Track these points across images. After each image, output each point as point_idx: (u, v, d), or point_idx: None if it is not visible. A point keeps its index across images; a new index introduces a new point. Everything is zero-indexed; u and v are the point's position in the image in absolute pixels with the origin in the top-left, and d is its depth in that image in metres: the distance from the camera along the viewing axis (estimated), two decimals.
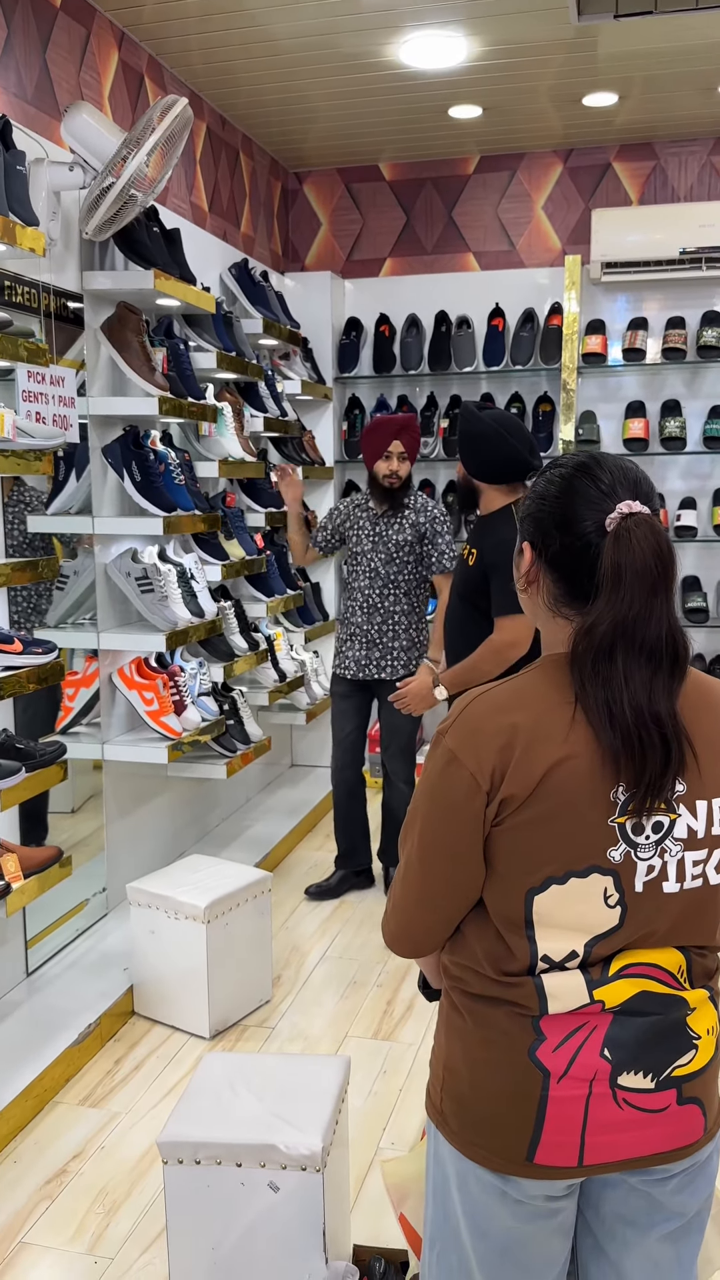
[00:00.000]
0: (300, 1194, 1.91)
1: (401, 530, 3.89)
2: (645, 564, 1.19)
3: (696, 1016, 1.29)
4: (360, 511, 3.97)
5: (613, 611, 1.20)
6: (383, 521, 3.91)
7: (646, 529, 1.21)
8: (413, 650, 3.98)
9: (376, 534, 3.91)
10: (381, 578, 3.90)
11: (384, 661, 3.95)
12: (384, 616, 3.92)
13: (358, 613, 3.95)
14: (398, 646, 3.94)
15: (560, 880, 1.23)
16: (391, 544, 3.89)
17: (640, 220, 4.84)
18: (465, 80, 4.23)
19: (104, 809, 3.66)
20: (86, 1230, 2.31)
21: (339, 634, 4.06)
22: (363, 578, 3.93)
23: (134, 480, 3.48)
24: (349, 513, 4.01)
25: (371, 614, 3.92)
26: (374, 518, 3.93)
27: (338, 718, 4.10)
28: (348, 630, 3.99)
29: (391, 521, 3.90)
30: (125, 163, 3.06)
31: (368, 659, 3.95)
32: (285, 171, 5.37)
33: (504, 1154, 1.28)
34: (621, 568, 1.19)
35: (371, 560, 3.91)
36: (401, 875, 1.34)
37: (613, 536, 1.21)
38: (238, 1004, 3.18)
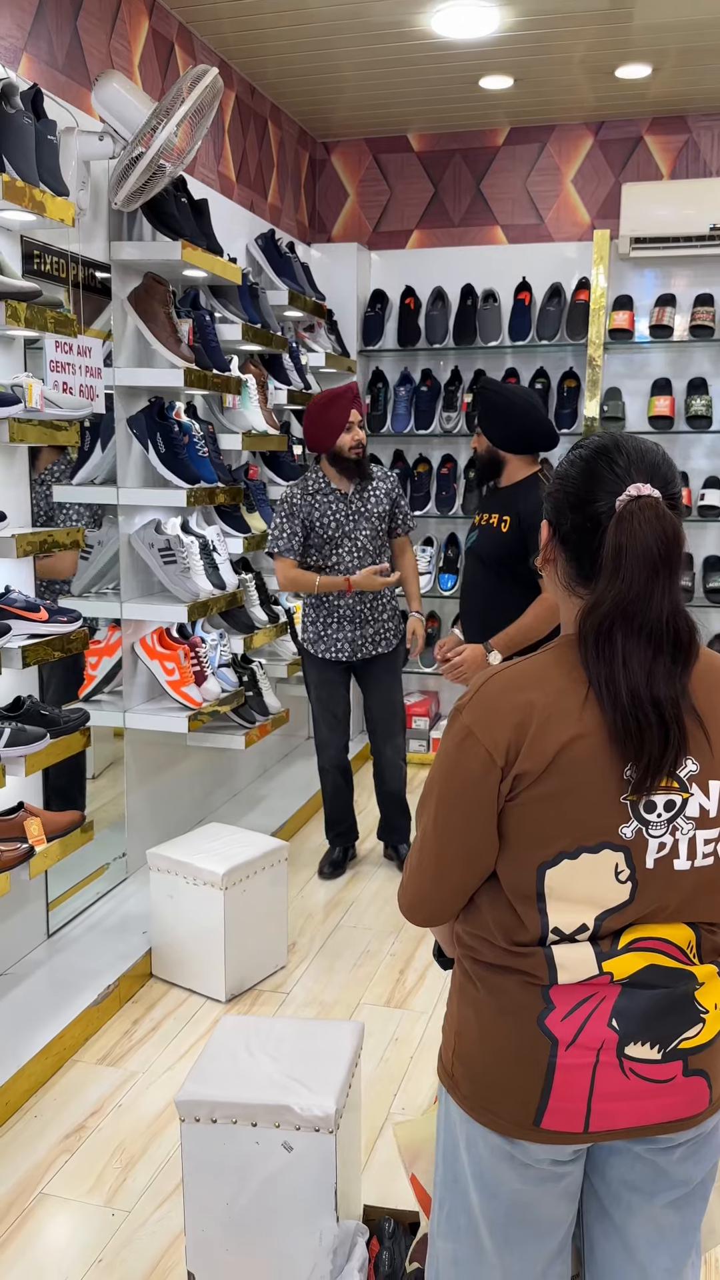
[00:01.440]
0: (313, 1154, 1.96)
1: (379, 501, 3.82)
2: (646, 546, 1.21)
3: (705, 991, 1.32)
4: (322, 497, 3.76)
5: (613, 593, 1.22)
6: (357, 498, 3.78)
7: (652, 512, 1.22)
8: (397, 619, 3.95)
9: (354, 512, 3.77)
10: (369, 553, 3.79)
11: (377, 638, 3.87)
12: (374, 593, 3.82)
13: (345, 594, 3.78)
14: (386, 618, 3.89)
15: (572, 855, 1.25)
16: (373, 516, 3.79)
17: (671, 195, 4.79)
18: (497, 50, 4.18)
19: (125, 776, 3.72)
20: (104, 1184, 2.38)
21: (316, 618, 3.87)
22: (348, 558, 3.76)
23: (158, 452, 3.50)
24: (308, 502, 3.76)
25: (362, 592, 3.79)
26: (343, 497, 3.76)
27: (326, 705, 3.97)
28: (332, 614, 3.82)
29: (365, 495, 3.80)
30: (155, 133, 3.06)
31: (361, 638, 3.84)
32: (313, 141, 5.33)
33: (512, 1118, 1.31)
34: (624, 549, 1.22)
35: (355, 538, 3.76)
36: (418, 847, 1.37)
37: (617, 518, 1.23)
38: (253, 969, 3.24)
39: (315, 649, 3.89)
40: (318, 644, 3.88)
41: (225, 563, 3.80)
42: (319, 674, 3.94)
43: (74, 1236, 2.23)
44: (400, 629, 3.96)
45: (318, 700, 3.99)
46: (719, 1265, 2.16)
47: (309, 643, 3.90)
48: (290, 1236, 2.00)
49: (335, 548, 3.77)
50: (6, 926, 3.06)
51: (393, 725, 3.99)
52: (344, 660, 3.87)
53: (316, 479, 3.80)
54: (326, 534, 3.76)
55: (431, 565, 5.26)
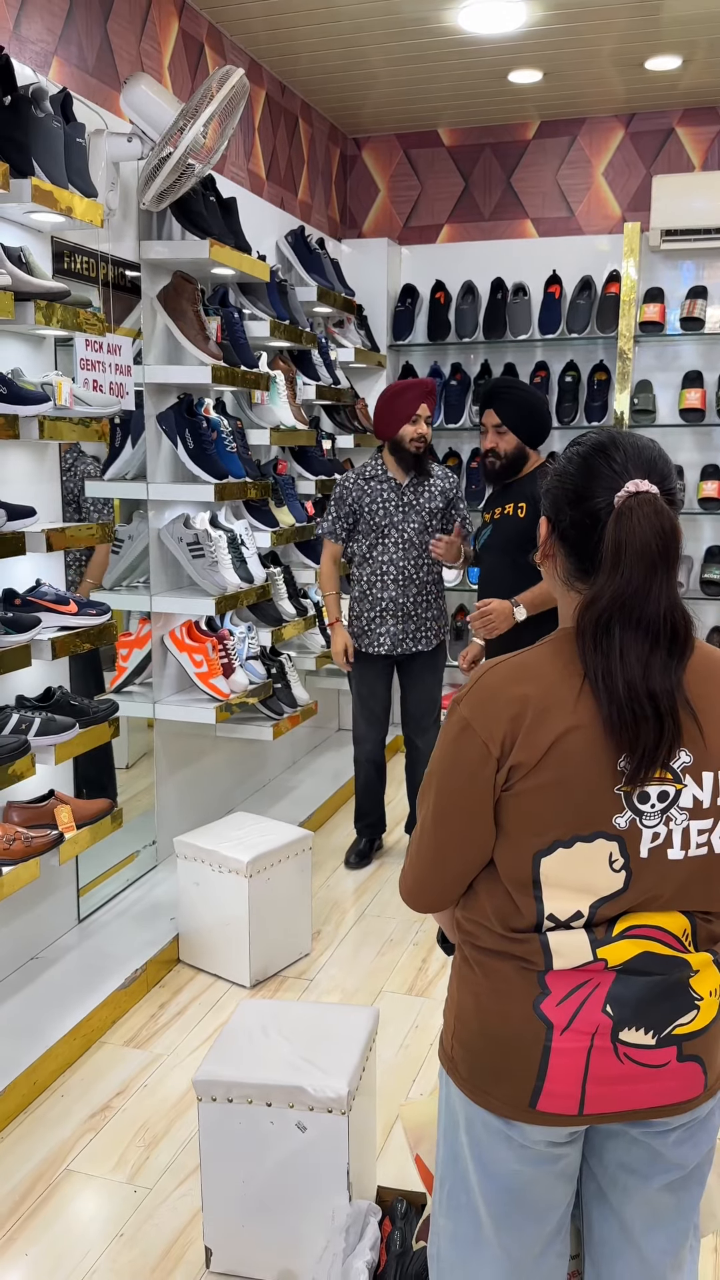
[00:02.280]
0: (326, 1135, 2.01)
1: (432, 498, 3.83)
2: (645, 542, 1.24)
3: (700, 979, 1.34)
4: (377, 483, 3.82)
5: (612, 588, 1.25)
6: (410, 490, 3.81)
7: (650, 509, 1.25)
8: (441, 619, 3.95)
9: (406, 503, 3.80)
10: (416, 547, 3.81)
11: (419, 634, 3.89)
12: (419, 587, 3.85)
13: (390, 586, 3.83)
14: (429, 617, 3.90)
15: (566, 844, 1.28)
16: (425, 511, 3.81)
17: (702, 186, 4.76)
18: (525, 45, 4.19)
19: (155, 766, 3.79)
20: (127, 1162, 2.45)
21: (360, 611, 3.91)
22: (393, 549, 3.81)
23: (187, 448, 3.56)
24: (361, 487, 3.83)
25: (406, 586, 3.83)
26: (397, 487, 3.80)
27: (366, 700, 4.00)
28: (375, 606, 3.86)
29: (420, 489, 3.82)
30: (182, 133, 3.11)
31: (403, 633, 3.86)
32: (344, 138, 5.36)
33: (508, 1100, 1.35)
34: (622, 545, 1.24)
35: (403, 530, 3.80)
36: (418, 835, 1.41)
37: (616, 514, 1.26)
38: (278, 956, 3.30)
39: (359, 643, 3.92)
40: (361, 638, 3.91)
41: (253, 557, 3.85)
42: (360, 667, 3.96)
43: (97, 1212, 2.30)
44: (444, 628, 3.98)
45: (358, 694, 4.02)
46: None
47: (354, 636, 3.93)
48: (304, 1214, 2.05)
49: (381, 537, 3.80)
50: (38, 911, 3.14)
51: (426, 721, 4.01)
52: (384, 654, 3.89)
53: (375, 466, 3.84)
54: (374, 521, 3.80)
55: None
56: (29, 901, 3.08)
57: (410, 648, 3.88)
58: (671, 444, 5.11)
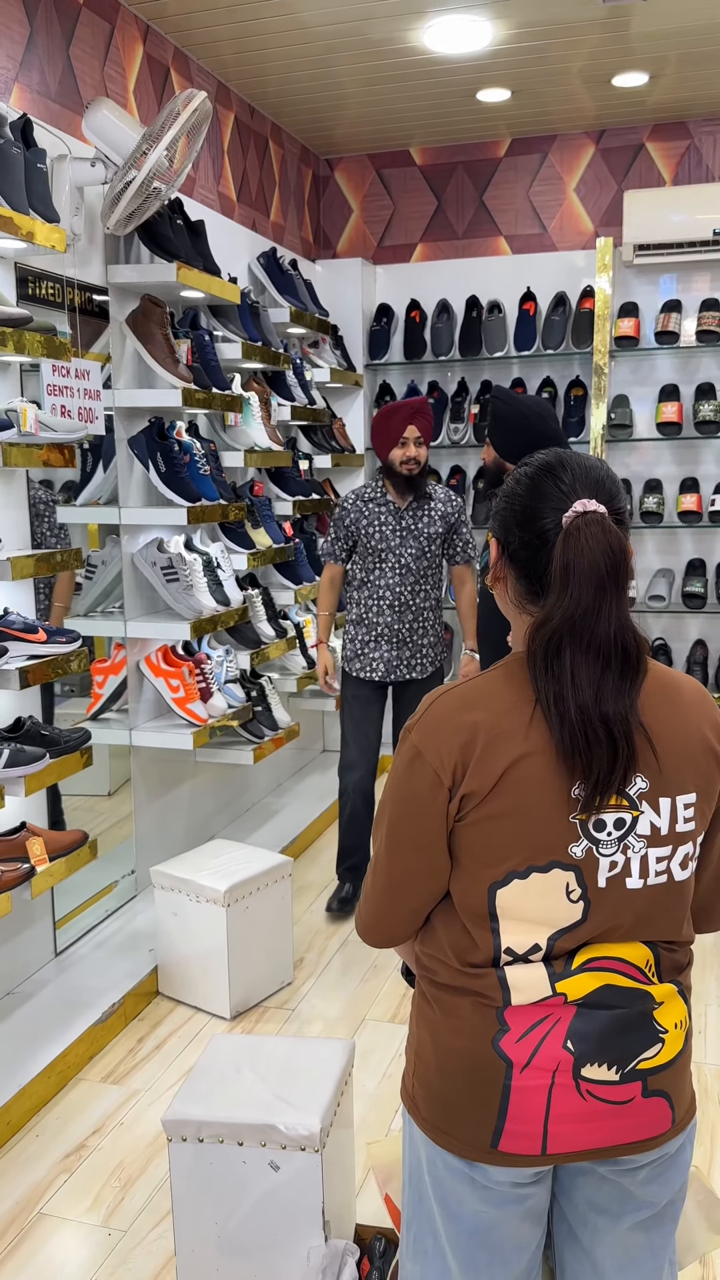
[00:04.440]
0: (300, 1173, 1.95)
1: (432, 522, 3.70)
2: (594, 563, 1.21)
3: (664, 1010, 1.30)
4: (375, 506, 3.71)
5: (562, 609, 1.22)
6: (409, 514, 3.69)
7: (598, 528, 1.22)
8: (438, 646, 3.84)
9: (404, 528, 3.68)
10: (413, 573, 3.69)
11: (414, 661, 3.76)
12: (415, 614, 3.73)
13: (385, 611, 3.71)
14: (426, 644, 3.78)
15: (522, 875, 1.25)
16: (423, 537, 3.69)
17: (673, 201, 4.77)
18: (493, 64, 4.19)
19: (134, 793, 3.74)
20: (102, 1203, 2.39)
21: (355, 635, 3.79)
22: (390, 574, 3.69)
23: (159, 471, 3.53)
24: (360, 509, 3.72)
25: (402, 612, 3.71)
26: (396, 511, 3.69)
27: (359, 724, 3.84)
28: (370, 631, 3.74)
29: (419, 513, 3.70)
30: (145, 156, 3.09)
31: (398, 659, 3.74)
32: (316, 158, 5.37)
33: (469, 1141, 1.31)
34: (571, 566, 1.22)
35: (400, 555, 3.68)
36: (372, 868, 1.37)
37: (564, 534, 1.23)
38: (259, 986, 3.24)
39: (351, 666, 3.80)
40: (354, 661, 3.79)
41: (230, 579, 3.82)
42: (353, 692, 3.83)
43: (70, 1256, 2.24)
44: (441, 655, 3.86)
45: (349, 718, 3.87)
46: None
47: (346, 660, 3.82)
48: (279, 1256, 1.99)
49: (379, 561, 3.70)
50: (12, 946, 3.08)
51: None
52: (378, 680, 3.77)
53: (375, 487, 3.75)
54: (371, 545, 3.70)
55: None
56: (3, 935, 3.03)
57: (405, 674, 3.76)
58: (650, 458, 5.10)
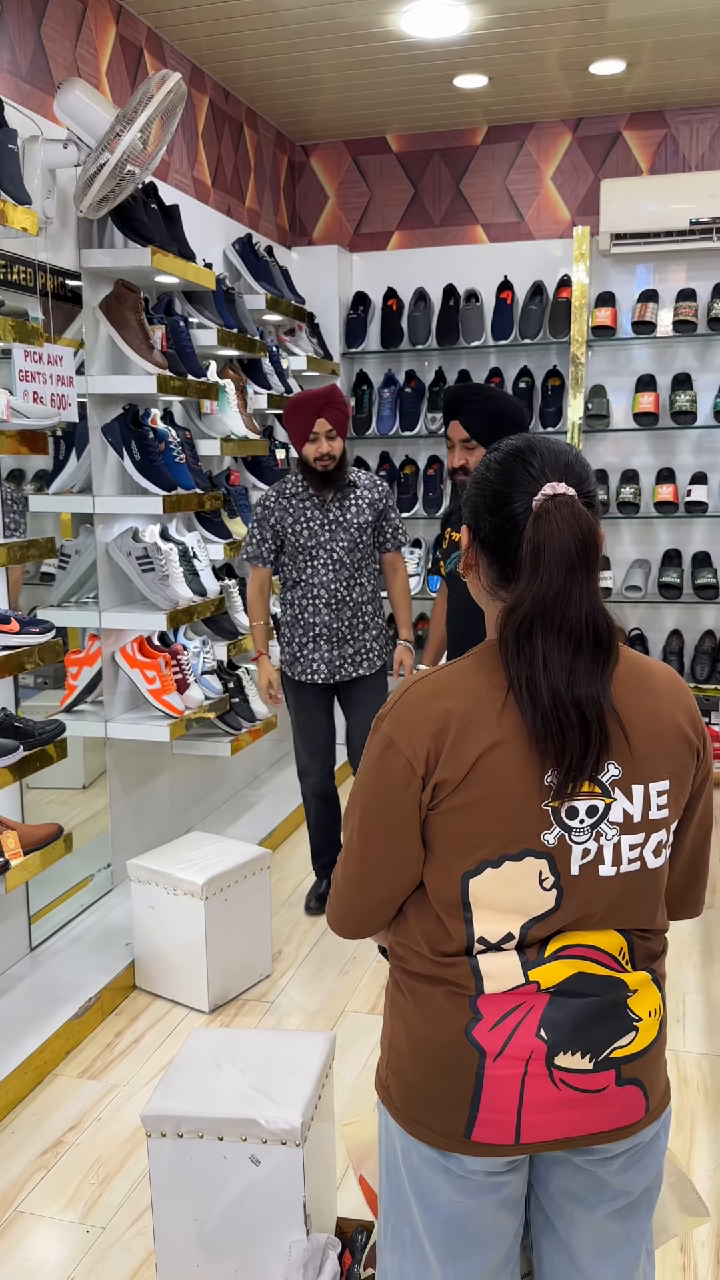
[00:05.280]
0: (281, 1167, 1.93)
1: (360, 512, 3.51)
2: (564, 545, 1.20)
3: (638, 999, 1.30)
4: (298, 501, 3.50)
5: (532, 592, 1.21)
6: (335, 506, 3.49)
7: (568, 510, 1.21)
8: (381, 639, 3.67)
9: (332, 520, 3.48)
10: (347, 567, 3.50)
11: (357, 658, 3.58)
12: (353, 610, 3.54)
13: (321, 610, 3.51)
14: (368, 638, 3.61)
15: (495, 863, 1.24)
16: (353, 528, 3.49)
17: (650, 190, 4.76)
18: (469, 49, 4.16)
19: (109, 786, 3.70)
20: (80, 1200, 2.36)
21: (292, 637, 3.59)
22: (323, 571, 3.50)
23: (133, 459, 3.49)
24: (281, 507, 3.52)
25: (339, 609, 3.52)
26: (320, 504, 3.48)
27: (307, 728, 3.68)
28: (307, 632, 3.55)
29: (346, 504, 3.50)
30: (119, 138, 3.04)
31: (339, 659, 3.55)
32: (292, 144, 5.32)
33: (443, 1130, 1.30)
34: (541, 548, 1.21)
35: (331, 550, 3.48)
36: (344, 858, 1.36)
37: (534, 517, 1.22)
38: (237, 979, 3.21)
39: (292, 670, 3.62)
40: (294, 665, 3.61)
41: (206, 569, 3.78)
42: (296, 697, 3.66)
43: (48, 1254, 2.20)
44: (385, 649, 3.71)
45: (297, 724, 3.71)
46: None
47: (286, 664, 3.63)
48: (260, 1251, 1.97)
49: (310, 559, 3.51)
50: None
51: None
52: (320, 682, 3.60)
53: (295, 482, 3.53)
54: (300, 542, 3.50)
55: (420, 567, 5.23)
56: None
57: (349, 673, 3.58)
58: (626, 448, 5.10)
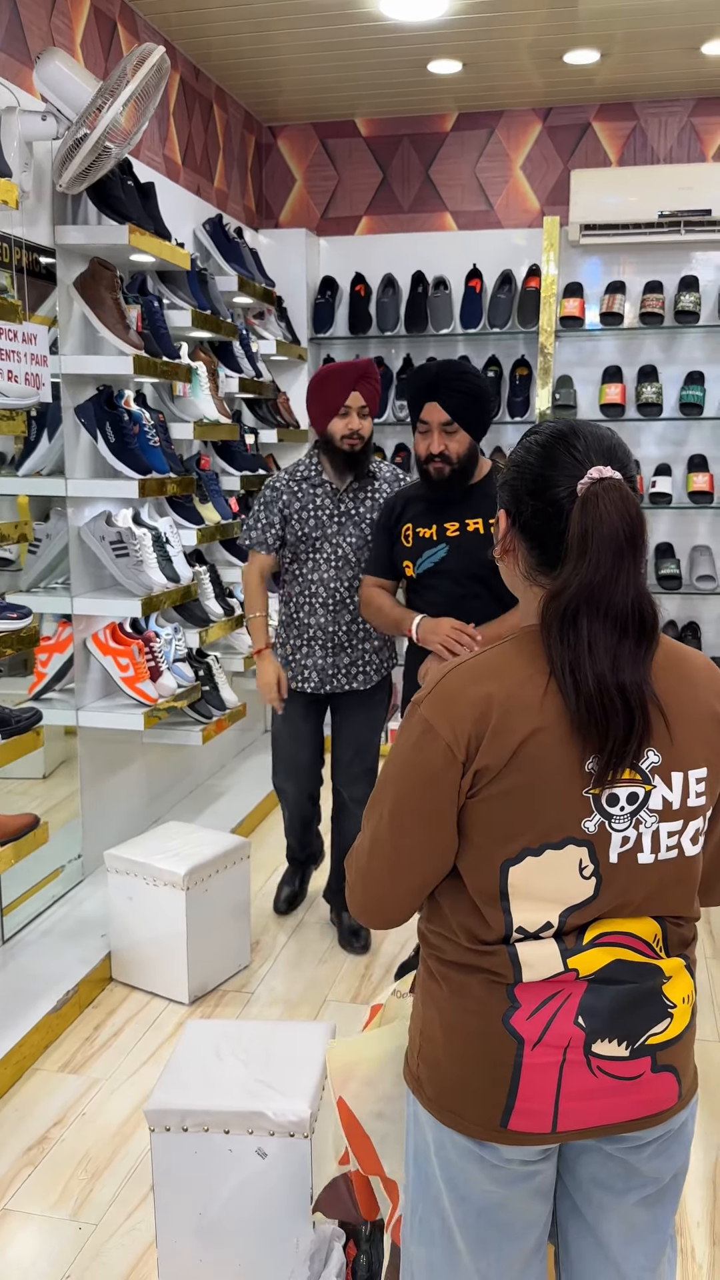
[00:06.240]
0: (287, 1160, 1.91)
1: (375, 506, 3.18)
2: (613, 529, 1.19)
3: (672, 985, 1.30)
4: (310, 487, 3.20)
5: (579, 576, 1.19)
6: (348, 497, 3.17)
7: (616, 495, 1.20)
8: (385, 651, 3.32)
9: (342, 512, 3.17)
10: (351, 565, 3.17)
11: (354, 669, 3.25)
12: (354, 613, 3.20)
13: (318, 611, 3.21)
14: (369, 649, 3.26)
15: (536, 852, 1.23)
16: (364, 524, 3.17)
17: (619, 182, 4.78)
18: (445, 34, 4.14)
19: (79, 775, 3.63)
20: (70, 1196, 2.31)
21: (285, 638, 3.31)
22: (324, 567, 3.18)
23: (108, 441, 3.42)
24: (290, 490, 3.21)
25: (338, 612, 3.20)
26: (333, 492, 3.18)
27: (292, 740, 3.37)
28: (302, 634, 3.24)
29: (360, 496, 3.18)
30: (100, 113, 2.97)
31: (334, 667, 3.23)
32: (259, 125, 5.25)
33: (479, 1120, 1.29)
34: (589, 532, 1.19)
35: (337, 545, 3.17)
36: (369, 846, 1.33)
37: (581, 501, 1.21)
38: (217, 969, 3.18)
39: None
40: (285, 668, 3.31)
41: (179, 555, 3.72)
42: (285, 703, 3.35)
43: (40, 1253, 2.16)
44: (387, 663, 3.35)
45: (277, 736, 3.42)
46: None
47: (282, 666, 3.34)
48: (264, 1244, 1.95)
49: (312, 551, 3.19)
50: None
51: (356, 768, 3.35)
52: (310, 691, 3.28)
53: (309, 465, 3.23)
54: (304, 531, 3.19)
55: None
56: None
57: (342, 684, 3.25)
58: None
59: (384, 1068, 1.51)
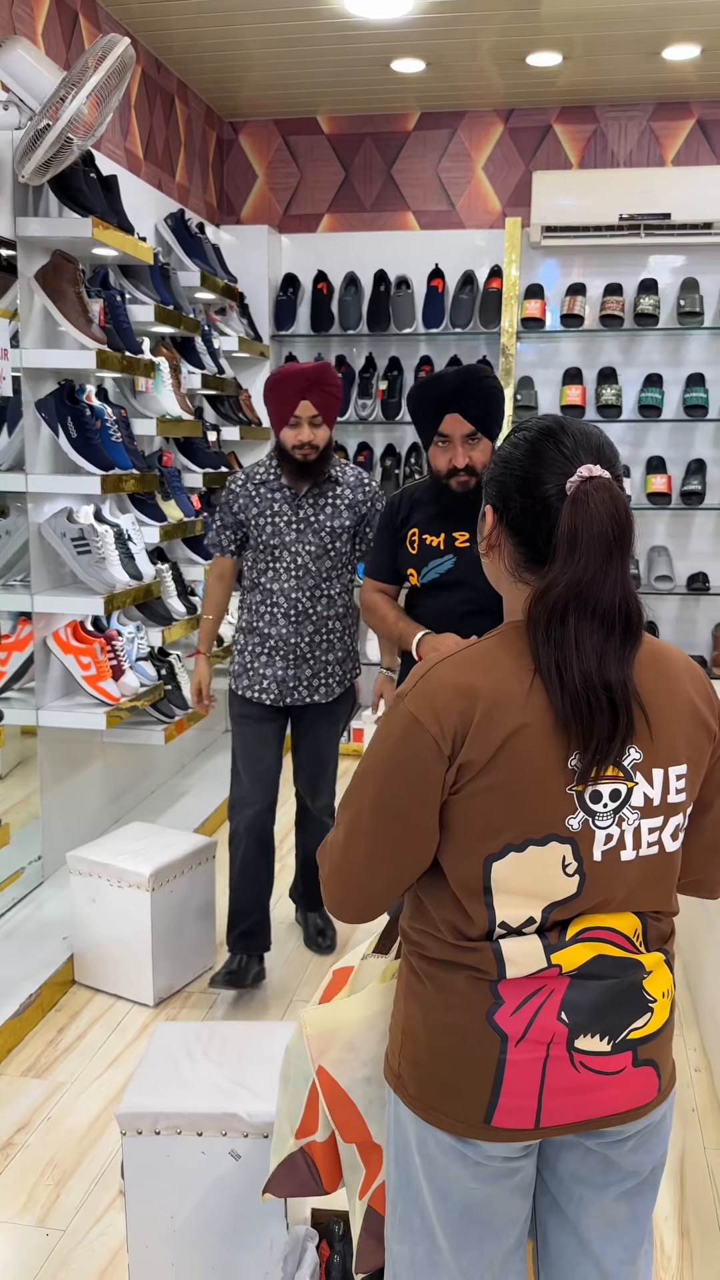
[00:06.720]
0: (262, 1161, 1.89)
1: (336, 513, 3.03)
2: (602, 528, 1.20)
3: (652, 980, 1.31)
4: (268, 491, 3.02)
5: (568, 574, 1.20)
6: (307, 502, 3.01)
7: (605, 494, 1.21)
8: (349, 662, 3.18)
9: (301, 519, 3.01)
10: (313, 575, 3.03)
11: (316, 681, 3.10)
12: (316, 624, 3.06)
13: (279, 621, 3.04)
14: (332, 660, 3.11)
15: (519, 848, 1.23)
16: (324, 531, 3.02)
17: (580, 184, 4.82)
18: (409, 33, 4.14)
19: (40, 776, 3.57)
20: (36, 1202, 2.27)
21: (245, 646, 3.12)
22: (284, 576, 3.02)
23: (69, 437, 3.37)
24: (249, 493, 3.04)
25: (300, 622, 3.04)
26: (292, 497, 3.01)
27: (253, 748, 3.13)
28: (262, 643, 3.07)
29: (320, 502, 3.02)
30: (63, 104, 2.92)
31: (295, 679, 3.07)
32: (220, 121, 5.21)
33: (462, 1117, 1.29)
34: (578, 531, 1.20)
35: (297, 553, 3.01)
36: (345, 840, 1.32)
37: (571, 500, 1.21)
38: (182, 971, 3.15)
39: (239, 684, 3.13)
40: (241, 678, 3.13)
41: (141, 552, 3.69)
42: (242, 712, 3.15)
43: (7, 1261, 2.12)
44: (350, 674, 3.20)
45: (239, 744, 3.18)
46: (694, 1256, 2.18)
47: (234, 676, 3.16)
48: (237, 1246, 1.94)
49: (272, 560, 3.03)
50: None
51: (320, 781, 3.26)
52: (269, 703, 3.11)
53: (268, 468, 3.05)
54: (262, 539, 3.02)
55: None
56: None
57: (303, 697, 3.10)
58: None
59: (369, 1031, 1.48)
